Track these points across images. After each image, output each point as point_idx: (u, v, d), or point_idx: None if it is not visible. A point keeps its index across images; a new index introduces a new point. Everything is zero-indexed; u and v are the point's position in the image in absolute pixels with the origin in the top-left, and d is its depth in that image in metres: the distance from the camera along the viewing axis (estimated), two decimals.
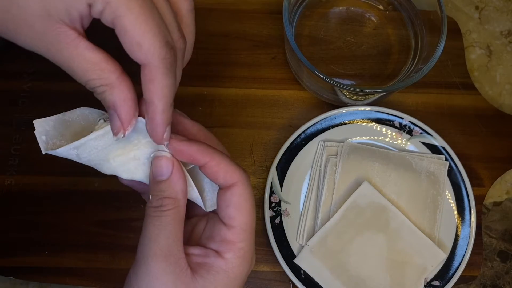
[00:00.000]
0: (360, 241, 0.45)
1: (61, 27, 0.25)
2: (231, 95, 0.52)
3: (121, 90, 0.27)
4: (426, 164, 0.48)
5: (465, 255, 0.47)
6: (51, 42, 0.26)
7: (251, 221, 0.30)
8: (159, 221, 0.28)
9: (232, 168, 0.29)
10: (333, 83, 0.43)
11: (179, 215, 0.29)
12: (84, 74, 0.26)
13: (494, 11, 0.57)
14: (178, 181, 0.29)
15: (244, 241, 0.29)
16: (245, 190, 0.29)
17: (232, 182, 0.29)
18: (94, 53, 0.26)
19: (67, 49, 0.26)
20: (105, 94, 0.27)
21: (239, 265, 0.29)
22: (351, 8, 0.53)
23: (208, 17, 0.54)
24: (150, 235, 0.28)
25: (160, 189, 0.29)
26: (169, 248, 0.28)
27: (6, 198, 0.48)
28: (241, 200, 0.29)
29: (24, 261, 0.47)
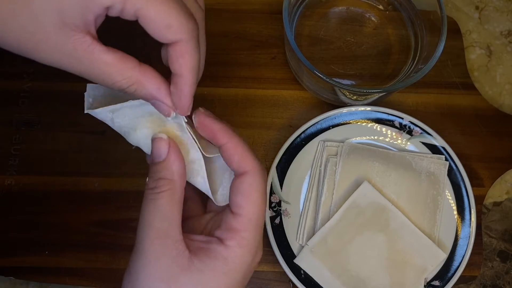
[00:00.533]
0: (360, 241, 0.45)
1: (76, 34, 0.25)
2: (231, 95, 0.52)
3: (149, 81, 0.28)
4: (426, 164, 0.48)
5: (465, 255, 0.47)
6: (69, 53, 0.26)
7: (259, 212, 0.29)
8: (154, 203, 0.28)
9: (247, 155, 0.30)
10: (333, 83, 0.43)
11: (175, 196, 0.28)
12: (109, 78, 0.27)
13: (494, 11, 0.57)
14: (174, 162, 0.29)
15: (249, 231, 0.29)
16: (255, 180, 0.29)
17: (244, 170, 0.29)
18: (110, 55, 0.27)
19: (85, 57, 0.26)
20: (137, 92, 0.28)
21: (241, 255, 0.28)
22: (351, 8, 0.53)
23: (208, 17, 0.54)
24: (146, 218, 0.28)
25: (156, 170, 0.29)
26: (165, 231, 0.28)
27: (6, 198, 0.48)
28: (250, 189, 0.29)
29: (24, 261, 0.47)
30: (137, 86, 0.28)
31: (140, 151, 0.49)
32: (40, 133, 0.49)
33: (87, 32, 0.26)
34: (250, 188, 0.29)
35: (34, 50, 0.26)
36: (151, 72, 0.28)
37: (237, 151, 0.30)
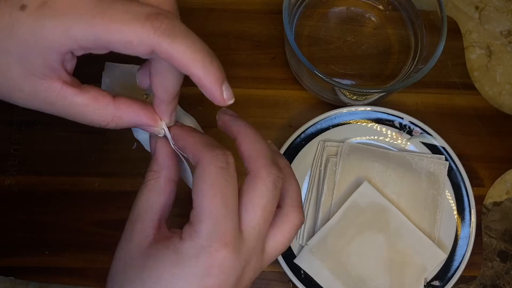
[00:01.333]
0: (360, 241, 0.45)
1: (45, 83, 0.26)
2: None
3: (126, 114, 0.28)
4: (426, 164, 0.48)
5: (465, 255, 0.47)
6: (43, 99, 0.26)
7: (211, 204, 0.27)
8: (139, 192, 0.29)
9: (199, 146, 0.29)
10: (333, 83, 0.43)
11: (157, 186, 0.29)
12: (87, 118, 0.28)
13: (494, 11, 0.57)
14: (159, 155, 0.30)
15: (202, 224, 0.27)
16: (202, 171, 0.27)
17: (195, 162, 0.28)
18: (83, 96, 0.27)
19: (59, 102, 0.27)
20: (118, 125, 0.29)
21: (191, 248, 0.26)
22: (351, 8, 0.53)
23: (208, 17, 0.54)
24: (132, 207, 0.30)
25: (149, 164, 0.30)
26: (139, 216, 0.29)
27: (6, 198, 0.48)
28: (197, 180, 0.27)
29: (24, 261, 0.47)
30: (116, 121, 0.28)
31: (140, 151, 0.50)
32: (40, 133, 0.49)
33: (57, 78, 0.26)
34: (197, 180, 0.27)
35: (11, 98, 0.27)
36: (126, 103, 0.28)
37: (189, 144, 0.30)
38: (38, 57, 0.25)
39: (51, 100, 0.27)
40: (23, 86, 0.26)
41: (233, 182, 0.28)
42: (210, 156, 0.28)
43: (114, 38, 0.25)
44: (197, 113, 0.51)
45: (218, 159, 0.28)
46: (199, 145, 0.29)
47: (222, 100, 0.30)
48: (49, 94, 0.26)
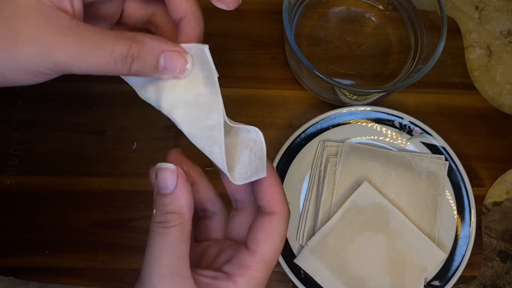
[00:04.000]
0: (360, 241, 0.45)
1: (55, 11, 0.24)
2: (231, 95, 0.52)
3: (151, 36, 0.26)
4: (426, 164, 0.48)
5: (465, 255, 0.47)
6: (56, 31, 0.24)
7: (275, 256, 0.28)
8: (163, 238, 0.26)
9: (280, 197, 0.28)
10: (333, 83, 0.43)
11: (184, 231, 0.27)
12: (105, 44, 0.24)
13: (494, 11, 0.57)
14: (183, 195, 0.27)
15: (261, 272, 0.27)
16: (281, 224, 0.28)
17: (273, 210, 0.28)
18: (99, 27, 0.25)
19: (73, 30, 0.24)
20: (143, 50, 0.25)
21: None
22: (351, 8, 0.53)
23: (208, 17, 0.54)
24: (154, 253, 0.26)
25: (164, 203, 0.27)
26: (174, 267, 0.26)
27: (6, 198, 0.48)
28: (274, 231, 0.28)
29: (24, 261, 0.47)
30: (139, 45, 0.25)
31: (140, 152, 0.50)
32: (40, 133, 0.49)
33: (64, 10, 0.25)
34: (274, 230, 0.28)
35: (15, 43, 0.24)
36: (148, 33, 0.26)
37: (272, 190, 0.28)
38: None
39: (63, 31, 0.24)
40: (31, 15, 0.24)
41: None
42: (288, 214, 0.28)
43: None
44: None
45: (289, 217, 0.29)
46: (283, 195, 0.29)
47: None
48: (61, 23, 0.24)
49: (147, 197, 0.47)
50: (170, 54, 0.26)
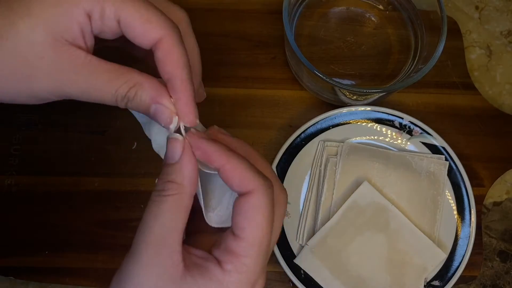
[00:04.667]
0: (360, 241, 0.45)
1: (70, 48, 0.26)
2: (231, 95, 0.52)
3: (149, 82, 0.27)
4: (426, 164, 0.48)
5: (465, 255, 0.47)
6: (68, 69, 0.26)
7: (263, 236, 0.26)
8: (158, 206, 0.26)
9: (250, 174, 0.26)
10: (333, 83, 0.43)
11: (181, 203, 0.26)
12: (111, 85, 0.26)
13: (494, 11, 0.57)
14: (186, 166, 0.26)
15: (250, 257, 0.26)
16: (260, 201, 0.26)
17: (247, 190, 0.26)
18: (109, 64, 0.27)
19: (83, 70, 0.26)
20: (138, 94, 0.27)
21: (238, 282, 0.26)
22: (351, 8, 0.53)
23: (208, 17, 0.54)
24: (147, 221, 0.26)
25: (167, 172, 0.27)
26: (163, 238, 0.25)
27: (6, 198, 0.48)
28: (254, 211, 0.26)
29: (24, 261, 0.47)
30: (137, 88, 0.26)
31: (140, 152, 0.50)
32: (40, 133, 0.49)
33: (78, 47, 0.26)
34: (253, 210, 0.26)
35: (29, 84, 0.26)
36: (150, 76, 0.27)
37: (236, 172, 0.26)
38: (60, 21, 0.25)
39: (75, 69, 0.26)
40: (46, 52, 0.25)
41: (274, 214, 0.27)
42: (267, 188, 0.26)
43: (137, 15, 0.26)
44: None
45: (271, 191, 0.27)
46: (253, 172, 0.27)
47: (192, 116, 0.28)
48: (74, 61, 0.26)
49: (147, 197, 0.47)
50: (160, 107, 0.27)
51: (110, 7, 0.25)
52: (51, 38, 0.25)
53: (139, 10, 0.26)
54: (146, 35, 0.26)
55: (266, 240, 0.26)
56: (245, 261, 0.26)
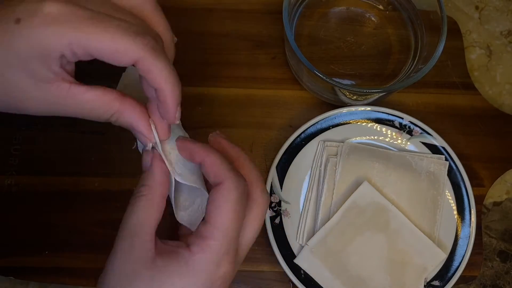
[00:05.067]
0: (360, 241, 0.45)
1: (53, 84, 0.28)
2: (231, 95, 0.52)
3: (128, 111, 0.31)
4: (426, 164, 0.48)
5: (465, 255, 0.47)
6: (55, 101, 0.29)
7: (229, 223, 0.29)
8: (132, 206, 0.30)
9: (224, 168, 0.30)
10: (333, 83, 0.43)
11: (152, 201, 0.30)
12: (94, 113, 0.30)
13: (494, 11, 0.57)
14: (157, 171, 0.31)
15: (217, 241, 0.29)
16: (228, 191, 0.30)
17: (220, 181, 0.30)
18: (92, 93, 0.29)
19: (68, 100, 0.29)
20: (119, 120, 0.31)
21: (202, 261, 0.29)
22: (351, 8, 0.53)
23: (208, 17, 0.54)
24: (124, 219, 0.30)
25: (142, 178, 0.32)
26: (135, 230, 0.30)
27: (6, 198, 0.48)
28: (222, 199, 0.29)
29: (24, 261, 0.47)
30: (117, 116, 0.30)
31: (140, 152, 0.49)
32: (40, 133, 0.49)
33: (62, 80, 0.28)
34: (222, 199, 0.30)
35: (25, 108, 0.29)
36: (132, 103, 0.31)
37: (213, 166, 0.31)
38: (39, 63, 0.27)
39: (60, 100, 0.29)
40: (34, 93, 0.28)
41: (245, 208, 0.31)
42: (236, 181, 0.30)
43: (104, 47, 0.27)
44: (197, 113, 0.51)
45: (242, 185, 0.30)
46: (226, 166, 0.31)
47: (174, 118, 0.31)
48: (59, 94, 0.29)
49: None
50: (137, 133, 0.32)
51: (78, 48, 0.27)
52: (35, 80, 0.28)
53: (103, 43, 0.27)
54: (119, 61, 0.28)
55: (232, 227, 0.30)
56: (209, 242, 0.29)
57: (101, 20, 0.28)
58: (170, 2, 0.54)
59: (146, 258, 0.29)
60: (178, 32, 0.53)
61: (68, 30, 0.27)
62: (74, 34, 0.27)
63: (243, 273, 0.47)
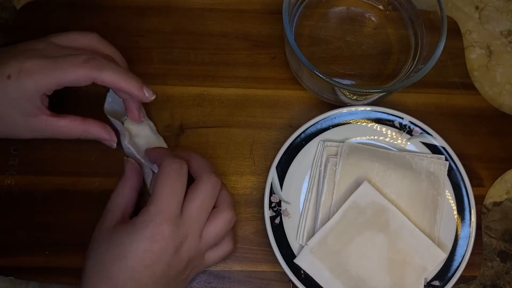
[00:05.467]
0: (360, 241, 0.45)
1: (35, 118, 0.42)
2: (231, 95, 0.52)
3: (93, 129, 0.44)
4: (426, 164, 0.48)
5: (465, 255, 0.47)
6: (36, 129, 0.43)
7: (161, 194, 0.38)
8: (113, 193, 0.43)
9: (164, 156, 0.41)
10: (333, 83, 0.43)
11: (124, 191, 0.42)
12: (67, 134, 0.44)
13: (494, 11, 0.57)
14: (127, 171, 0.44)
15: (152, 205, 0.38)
16: (162, 169, 0.39)
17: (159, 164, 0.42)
18: (63, 121, 0.43)
19: (48, 128, 0.43)
20: (88, 136, 0.44)
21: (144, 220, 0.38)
22: (351, 8, 0.53)
23: (208, 17, 0.54)
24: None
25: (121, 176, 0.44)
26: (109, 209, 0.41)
27: (6, 198, 0.48)
28: (157, 176, 0.39)
29: (24, 261, 0.47)
30: (85, 134, 0.44)
31: None
32: None
33: (41, 114, 0.42)
34: (157, 175, 0.40)
35: (15, 134, 0.43)
36: (93, 122, 0.44)
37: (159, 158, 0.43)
38: (27, 103, 0.41)
39: (41, 128, 0.43)
40: (23, 124, 0.42)
41: (182, 181, 0.40)
42: (169, 161, 0.40)
43: (68, 79, 0.40)
44: (197, 113, 0.51)
45: (175, 164, 0.40)
46: (165, 154, 0.42)
47: (146, 98, 0.43)
48: (39, 124, 0.42)
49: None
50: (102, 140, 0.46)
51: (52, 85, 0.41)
52: (24, 116, 0.41)
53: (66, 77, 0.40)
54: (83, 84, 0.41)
55: (166, 193, 0.38)
56: (149, 207, 0.38)
57: (60, 62, 0.40)
58: (171, 2, 0.54)
59: (110, 226, 0.40)
60: (178, 32, 0.53)
61: (42, 76, 0.40)
62: (46, 78, 0.40)
63: (243, 273, 0.48)
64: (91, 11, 0.53)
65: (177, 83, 0.51)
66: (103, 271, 0.37)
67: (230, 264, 0.48)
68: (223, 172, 0.50)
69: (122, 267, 0.37)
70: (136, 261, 0.37)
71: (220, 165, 0.50)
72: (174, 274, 0.39)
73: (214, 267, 0.47)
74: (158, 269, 0.37)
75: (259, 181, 0.50)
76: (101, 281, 0.37)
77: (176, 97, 0.51)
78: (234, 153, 0.50)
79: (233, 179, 0.50)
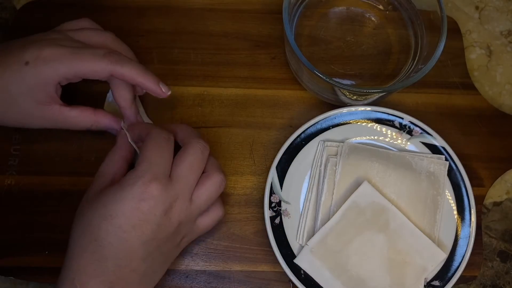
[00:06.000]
0: (360, 241, 0.45)
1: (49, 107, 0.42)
2: (231, 95, 0.52)
3: (102, 120, 0.45)
4: (426, 164, 0.48)
5: (465, 255, 0.47)
6: (49, 118, 0.43)
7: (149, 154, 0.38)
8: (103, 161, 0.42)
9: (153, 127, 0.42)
10: (333, 83, 0.43)
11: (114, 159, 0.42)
12: (78, 124, 0.44)
13: (494, 11, 0.57)
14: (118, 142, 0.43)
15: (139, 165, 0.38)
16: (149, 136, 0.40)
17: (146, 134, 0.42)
18: (74, 111, 0.44)
19: (60, 118, 0.43)
20: (98, 127, 0.45)
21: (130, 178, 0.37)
22: (351, 8, 0.53)
23: (208, 17, 0.54)
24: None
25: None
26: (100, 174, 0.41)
27: (6, 198, 0.48)
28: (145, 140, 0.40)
29: (24, 261, 0.47)
30: (96, 124, 0.45)
31: None
32: (40, 133, 0.49)
33: (54, 103, 0.42)
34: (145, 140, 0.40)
35: (27, 123, 0.43)
36: (103, 113, 0.45)
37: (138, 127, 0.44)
38: (41, 91, 0.41)
39: (54, 118, 0.43)
40: (36, 113, 0.42)
41: (170, 147, 0.40)
42: (156, 131, 0.40)
43: (86, 70, 0.41)
44: (197, 113, 0.51)
45: (163, 133, 0.40)
46: (151, 127, 0.42)
47: (162, 93, 0.44)
48: (52, 113, 0.43)
49: None
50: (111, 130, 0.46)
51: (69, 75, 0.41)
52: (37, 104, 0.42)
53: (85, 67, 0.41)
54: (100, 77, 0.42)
55: (153, 155, 0.38)
56: (137, 167, 0.38)
57: (80, 53, 0.41)
58: (171, 2, 0.54)
59: (99, 189, 0.39)
60: (178, 32, 0.53)
61: (60, 65, 0.40)
62: (65, 67, 0.40)
63: (243, 273, 0.48)
64: (91, 11, 0.53)
65: (177, 83, 0.51)
66: (89, 233, 0.36)
67: (230, 264, 0.48)
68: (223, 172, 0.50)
69: (109, 228, 0.35)
70: (124, 221, 0.35)
71: (220, 165, 0.50)
72: (164, 237, 0.37)
73: (214, 267, 0.47)
74: (147, 230, 0.36)
75: (259, 181, 0.50)
76: (88, 243, 0.36)
77: (176, 97, 0.51)
78: (234, 153, 0.50)
79: (233, 179, 0.50)
